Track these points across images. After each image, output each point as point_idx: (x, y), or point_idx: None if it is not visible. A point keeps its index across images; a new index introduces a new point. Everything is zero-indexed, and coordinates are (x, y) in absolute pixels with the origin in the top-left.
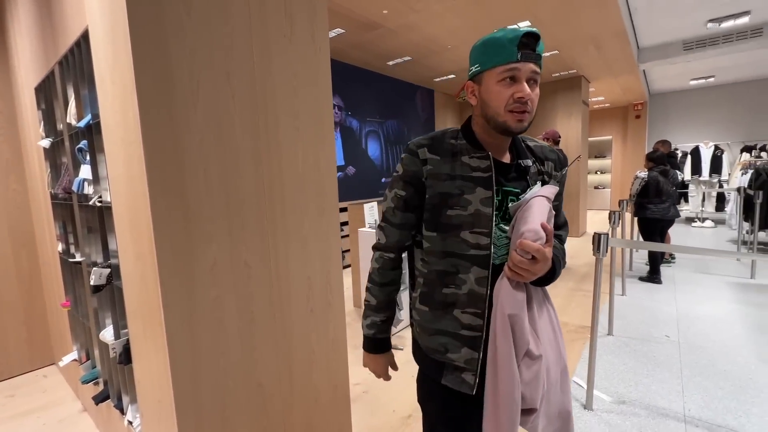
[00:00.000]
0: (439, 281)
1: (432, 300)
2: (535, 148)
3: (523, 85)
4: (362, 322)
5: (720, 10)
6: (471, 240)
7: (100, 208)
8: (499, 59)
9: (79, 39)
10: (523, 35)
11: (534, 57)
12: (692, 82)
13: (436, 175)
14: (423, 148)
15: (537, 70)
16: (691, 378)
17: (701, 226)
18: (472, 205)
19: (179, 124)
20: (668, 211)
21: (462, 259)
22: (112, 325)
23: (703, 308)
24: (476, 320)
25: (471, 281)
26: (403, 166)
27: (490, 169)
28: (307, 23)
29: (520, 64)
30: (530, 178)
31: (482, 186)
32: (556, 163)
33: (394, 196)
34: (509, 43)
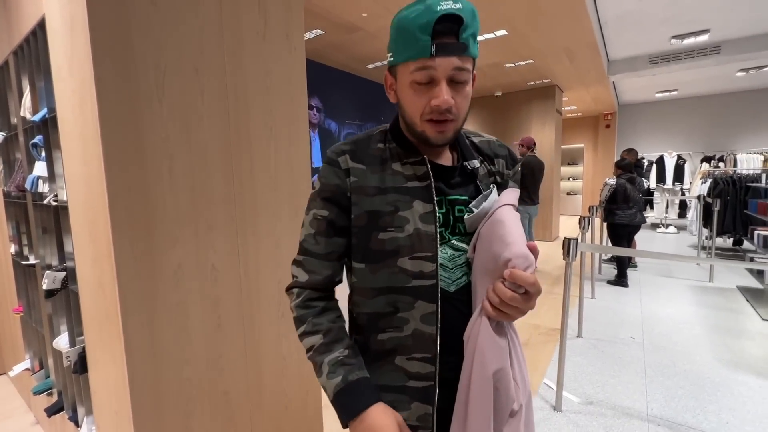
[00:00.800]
0: (373, 326)
1: (367, 350)
2: (481, 144)
3: (441, 89)
4: (319, 377)
5: (682, 27)
6: (412, 268)
7: (55, 208)
8: (409, 53)
9: (35, 28)
10: (436, 20)
11: (456, 48)
12: (657, 95)
13: (361, 189)
14: (344, 155)
15: (461, 66)
16: (654, 378)
17: (665, 232)
18: (410, 223)
19: (142, 120)
20: (635, 217)
21: (402, 294)
22: (68, 332)
23: (665, 310)
24: (426, 367)
25: (415, 319)
26: (321, 180)
27: (427, 176)
28: (282, 21)
29: (435, 61)
30: (480, 181)
31: (420, 198)
32: (507, 159)
33: (313, 219)
34: (420, 30)
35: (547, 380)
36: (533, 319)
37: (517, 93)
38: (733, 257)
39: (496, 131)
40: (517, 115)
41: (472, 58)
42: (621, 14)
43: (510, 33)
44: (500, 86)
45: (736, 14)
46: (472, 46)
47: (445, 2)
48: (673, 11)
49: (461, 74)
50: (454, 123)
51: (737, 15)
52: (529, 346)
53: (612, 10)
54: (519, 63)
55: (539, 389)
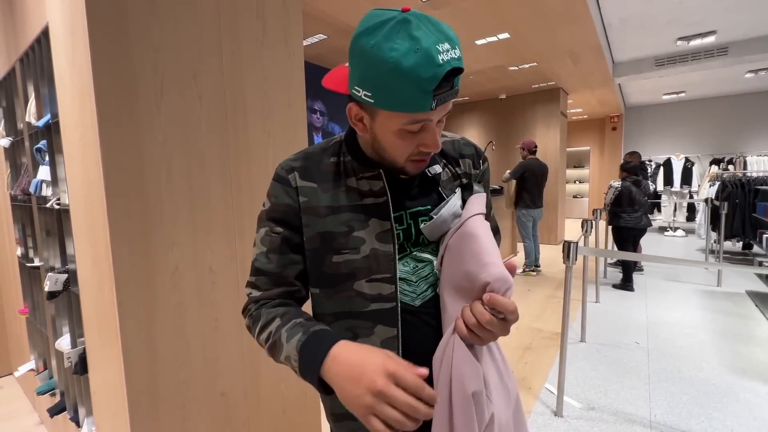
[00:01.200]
0: None
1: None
2: (445, 145)
3: (434, 135)
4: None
5: (688, 29)
6: (369, 291)
7: (58, 211)
8: (405, 106)
9: (40, 36)
10: (444, 77)
11: (452, 94)
12: (665, 97)
13: (312, 210)
14: (293, 172)
15: (449, 108)
16: (658, 384)
17: (673, 235)
18: (366, 244)
19: (141, 125)
20: (641, 221)
21: (360, 319)
22: (69, 333)
23: (671, 315)
24: None
25: (375, 346)
26: (270, 199)
27: (384, 191)
28: (280, 27)
29: (434, 113)
30: (443, 187)
31: (377, 216)
32: (474, 158)
33: (264, 237)
34: (422, 86)
35: (548, 385)
36: (536, 323)
37: (522, 96)
38: (742, 261)
39: (500, 134)
40: (521, 118)
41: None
42: (626, 17)
43: (513, 36)
44: (504, 89)
45: (743, 15)
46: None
47: (443, 49)
48: (678, 13)
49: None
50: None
51: (744, 16)
52: (531, 350)
53: (616, 13)
54: (523, 66)
55: (540, 394)
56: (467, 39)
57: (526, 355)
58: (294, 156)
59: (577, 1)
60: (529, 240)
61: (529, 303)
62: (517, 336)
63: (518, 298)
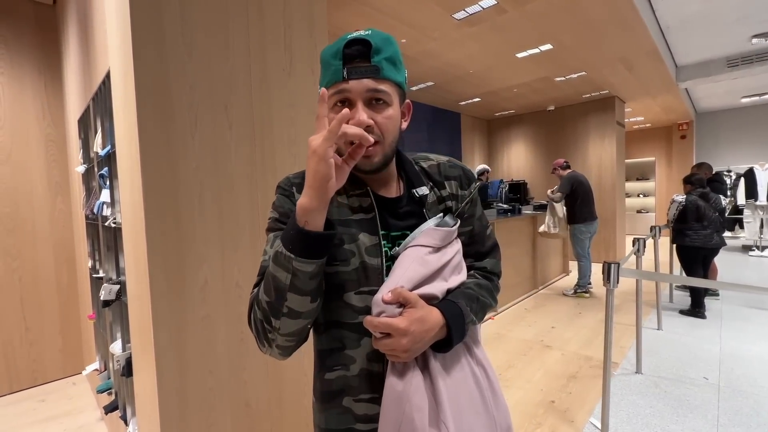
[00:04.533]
0: (322, 364)
1: (317, 389)
2: (430, 168)
3: (358, 110)
4: (272, 276)
5: (764, 25)
6: (358, 303)
7: (114, 229)
8: (327, 79)
9: (105, 78)
10: (345, 45)
11: (368, 71)
12: (744, 100)
13: None
14: (294, 187)
15: (377, 88)
16: (729, 428)
17: (760, 255)
18: (356, 256)
19: (177, 153)
20: (711, 239)
21: (348, 330)
22: (120, 338)
23: (751, 349)
24: (374, 408)
25: (362, 358)
26: (276, 209)
27: (372, 207)
28: (306, 57)
29: (349, 84)
30: (428, 210)
31: (366, 230)
32: (461, 179)
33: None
34: (333, 57)
35: (593, 419)
36: (585, 350)
37: (572, 106)
38: None
39: (549, 147)
40: (572, 130)
41: (392, 81)
42: (685, 18)
43: (556, 47)
44: (552, 100)
45: None
46: (389, 69)
47: (355, 32)
48: (749, 9)
49: (378, 94)
50: (381, 146)
51: None
52: (576, 379)
53: (674, 14)
54: (570, 76)
55: (584, 429)
56: (507, 53)
57: (571, 384)
58: (294, 174)
59: (624, 6)
60: (586, 258)
61: (578, 328)
62: (562, 363)
63: (567, 322)
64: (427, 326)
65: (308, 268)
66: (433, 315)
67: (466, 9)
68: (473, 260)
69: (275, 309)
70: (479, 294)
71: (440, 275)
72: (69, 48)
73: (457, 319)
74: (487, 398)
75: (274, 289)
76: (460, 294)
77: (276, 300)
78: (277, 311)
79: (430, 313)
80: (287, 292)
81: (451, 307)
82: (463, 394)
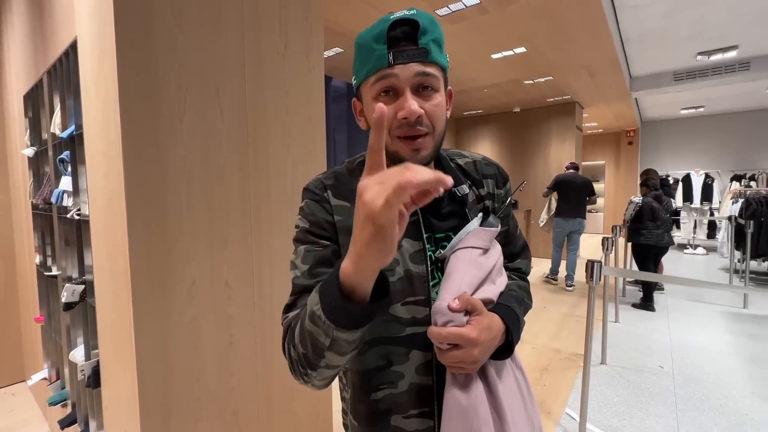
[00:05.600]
0: (366, 385)
1: (359, 412)
2: (467, 166)
3: (407, 99)
4: (306, 322)
5: (709, 43)
6: (405, 315)
7: (78, 222)
8: (369, 67)
9: (68, 49)
10: (390, 27)
11: (416, 54)
12: (683, 111)
13: (347, 230)
14: (327, 191)
15: (426, 71)
16: (686, 413)
17: (693, 253)
18: (401, 265)
19: (163, 138)
20: (662, 238)
21: (395, 345)
22: (84, 344)
23: (696, 338)
24: (425, 423)
25: (410, 372)
26: (306, 216)
27: (415, 211)
28: (301, 42)
29: (395, 69)
30: (469, 209)
31: (408, 236)
32: (497, 178)
33: (306, 254)
34: (376, 42)
35: (569, 410)
36: (553, 343)
37: (536, 109)
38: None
39: (514, 147)
40: (536, 132)
41: (439, 66)
42: (644, 32)
43: (529, 50)
44: (519, 102)
45: (766, 31)
46: (436, 51)
47: (398, 13)
48: (699, 28)
49: (427, 80)
50: (431, 137)
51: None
52: (549, 371)
53: (635, 28)
54: (538, 79)
55: (561, 420)
56: (483, 53)
57: (544, 377)
58: (324, 174)
59: (596, 15)
60: (556, 250)
61: (544, 322)
62: (533, 356)
63: (534, 316)
64: (493, 334)
65: (352, 337)
66: (496, 321)
67: (449, 6)
68: (507, 261)
69: (311, 363)
70: (523, 296)
71: (490, 278)
72: (11, 15)
73: (515, 323)
74: (527, 402)
75: (312, 346)
76: (511, 297)
77: (313, 355)
78: (314, 365)
79: (493, 319)
80: (326, 351)
81: (508, 312)
82: (513, 401)
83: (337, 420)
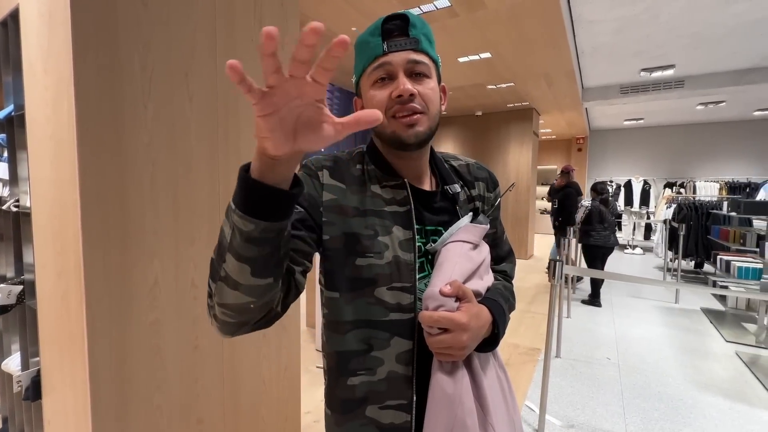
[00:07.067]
0: (343, 368)
1: (334, 399)
2: (460, 168)
3: (400, 79)
4: (225, 244)
5: (651, 61)
6: (390, 300)
7: (16, 214)
8: (366, 58)
9: (6, 18)
10: (384, 21)
11: (408, 43)
12: (625, 122)
13: (340, 209)
14: (324, 170)
15: (417, 59)
16: (631, 400)
17: (632, 253)
18: (389, 250)
19: (124, 124)
20: (609, 239)
21: (378, 329)
22: (20, 352)
23: (637, 331)
24: (401, 416)
25: (390, 359)
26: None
27: (407, 200)
28: (278, 30)
29: (389, 56)
30: (460, 207)
31: (400, 224)
32: (488, 182)
33: None
34: (371, 35)
35: (528, 402)
36: (512, 338)
37: (497, 114)
38: (694, 279)
39: (476, 149)
40: (496, 135)
41: (430, 57)
42: (597, 45)
43: (494, 56)
44: (481, 106)
45: (699, 53)
46: (425, 43)
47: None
48: (644, 46)
49: (419, 66)
50: (426, 117)
51: (700, 53)
52: (509, 366)
53: (589, 42)
54: (500, 85)
55: (521, 412)
56: (451, 55)
57: None
58: (324, 156)
59: (556, 28)
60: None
61: None
62: None
63: None
64: (481, 322)
65: (246, 227)
66: (484, 312)
67: (420, 6)
68: (493, 263)
69: (215, 269)
70: (508, 295)
71: (478, 273)
72: None
73: (502, 317)
74: (509, 402)
75: (218, 244)
76: (498, 293)
77: (217, 257)
78: (216, 272)
79: (482, 309)
80: (226, 251)
81: (496, 306)
82: (496, 397)
83: (306, 424)
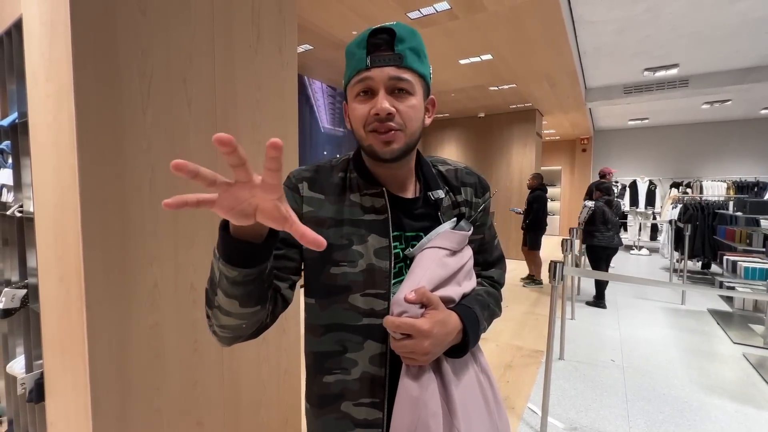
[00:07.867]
0: (320, 367)
1: (312, 394)
2: (448, 173)
3: (379, 97)
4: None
5: (654, 60)
6: (363, 305)
7: (20, 219)
8: (351, 69)
9: (10, 29)
10: (370, 34)
11: (391, 59)
12: (630, 122)
13: (317, 221)
14: (303, 182)
15: (400, 76)
16: (635, 402)
17: (638, 254)
18: (364, 258)
19: (124, 130)
20: (613, 240)
21: (351, 333)
22: (24, 355)
23: (642, 333)
24: (374, 413)
25: (364, 361)
26: None
27: (385, 209)
28: (275, 35)
29: (371, 72)
30: (442, 213)
31: (377, 232)
32: (476, 187)
33: None
34: (358, 47)
35: (531, 405)
36: (515, 340)
37: (499, 115)
38: (701, 280)
39: (479, 151)
40: (499, 137)
41: (416, 72)
42: (599, 46)
43: (495, 58)
44: (483, 108)
45: (703, 51)
46: (412, 59)
47: (380, 25)
48: (646, 46)
49: (401, 83)
50: (402, 134)
51: (704, 52)
52: (512, 368)
53: (591, 42)
54: (502, 86)
55: (523, 414)
56: (452, 58)
57: (508, 373)
58: (306, 167)
59: (556, 29)
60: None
61: (506, 320)
62: (497, 354)
63: None
64: (447, 329)
65: (230, 273)
66: (453, 319)
67: (420, 9)
68: (480, 269)
69: (209, 298)
70: (489, 302)
71: (455, 279)
72: None
73: (473, 324)
74: (491, 406)
75: (210, 278)
76: (474, 300)
77: (210, 289)
78: (211, 301)
79: (450, 316)
80: (217, 287)
81: (468, 313)
82: (471, 401)
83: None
